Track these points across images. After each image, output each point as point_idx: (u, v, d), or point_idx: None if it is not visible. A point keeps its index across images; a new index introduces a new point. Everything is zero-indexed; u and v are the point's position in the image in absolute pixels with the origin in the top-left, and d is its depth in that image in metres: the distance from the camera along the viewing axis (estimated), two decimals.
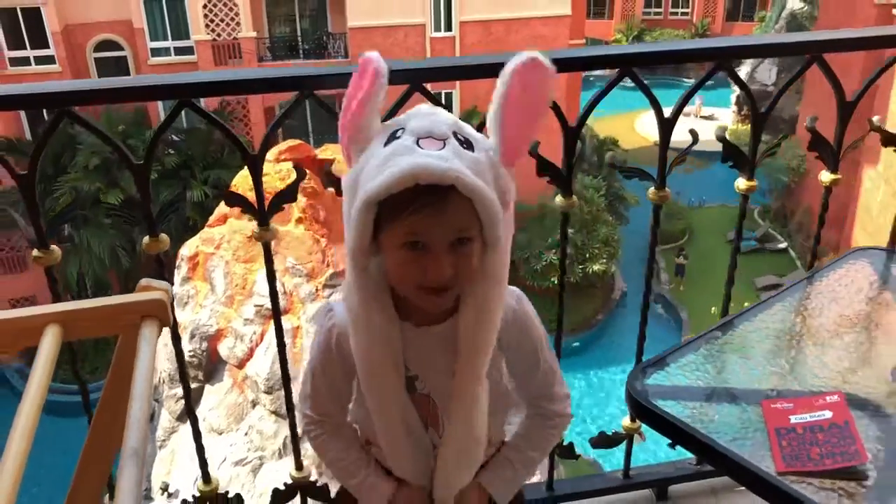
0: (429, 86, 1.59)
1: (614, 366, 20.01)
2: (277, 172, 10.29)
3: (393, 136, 1.14)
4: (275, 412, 9.84)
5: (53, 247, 1.64)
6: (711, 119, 31.23)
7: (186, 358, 10.35)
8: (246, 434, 9.97)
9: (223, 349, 10.52)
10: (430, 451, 1.38)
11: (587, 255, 21.33)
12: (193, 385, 10.44)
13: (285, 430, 9.41)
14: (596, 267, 21.34)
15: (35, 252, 1.63)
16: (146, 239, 1.67)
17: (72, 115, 1.50)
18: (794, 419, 1.45)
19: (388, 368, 1.27)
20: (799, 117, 24.26)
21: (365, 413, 1.38)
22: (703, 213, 25.33)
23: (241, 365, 10.39)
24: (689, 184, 26.78)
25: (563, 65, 1.76)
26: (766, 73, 30.35)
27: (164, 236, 1.68)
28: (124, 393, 1.43)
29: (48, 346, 1.28)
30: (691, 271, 23.03)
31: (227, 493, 2.04)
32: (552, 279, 19.25)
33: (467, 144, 1.14)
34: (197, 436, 1.96)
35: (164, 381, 10.54)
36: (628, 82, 1.75)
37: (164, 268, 1.68)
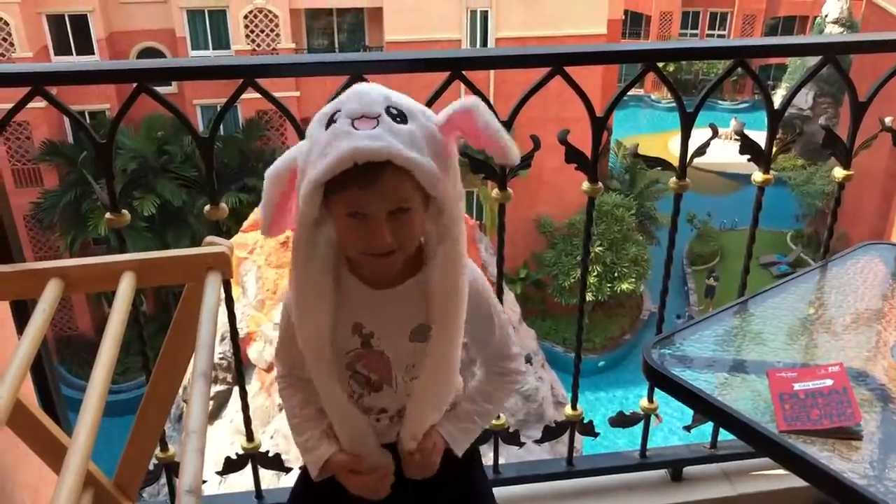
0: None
1: (640, 387, 19.94)
2: None
3: (331, 120, 1.26)
4: None
5: (124, 211, 1.81)
6: None
7: (216, 360, 10.53)
8: (272, 437, 10.09)
9: (252, 352, 10.67)
10: (370, 419, 1.49)
11: (616, 274, 21.33)
12: (221, 387, 10.63)
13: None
14: (624, 286, 21.32)
15: (108, 215, 1.80)
16: (207, 207, 1.85)
17: (148, 90, 1.67)
18: (797, 386, 1.57)
19: (320, 331, 1.39)
20: None
21: None
22: (735, 235, 25.24)
23: (269, 369, 10.54)
24: (721, 206, 26.73)
25: (593, 58, 1.92)
26: (802, 97, 30.21)
27: (223, 205, 1.85)
28: (185, 341, 1.59)
29: (124, 289, 1.44)
30: (721, 293, 22.92)
31: (267, 451, 2.19)
32: None
33: (401, 118, 1.25)
34: (243, 394, 2.12)
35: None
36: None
37: (222, 234, 1.84)
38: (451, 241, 1.35)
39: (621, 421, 2.37)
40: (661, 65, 1.88)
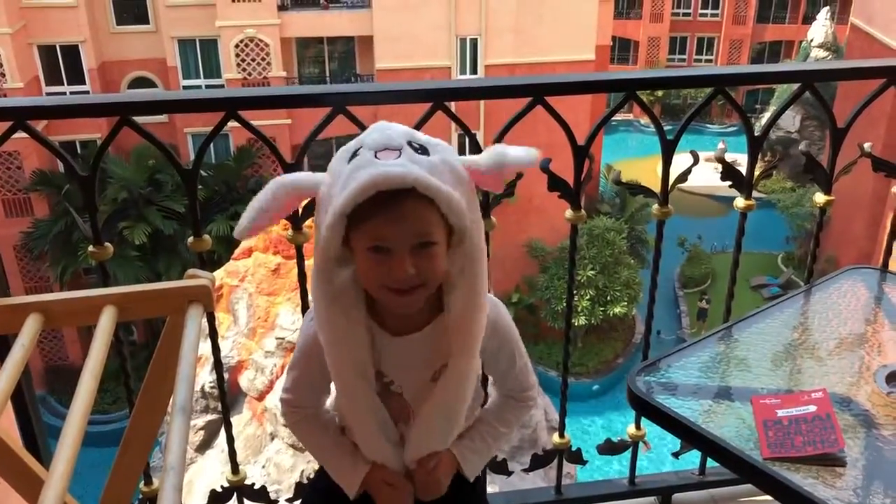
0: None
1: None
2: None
3: (354, 154, 1.26)
4: (293, 445, 9.86)
5: (107, 244, 1.81)
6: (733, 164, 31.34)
7: (206, 388, 10.42)
8: (263, 467, 9.99)
9: (243, 381, 10.60)
10: (399, 442, 1.48)
11: (608, 298, 21.34)
12: (212, 416, 10.55)
13: (302, 464, 9.43)
14: (617, 309, 21.32)
15: (91, 248, 1.80)
16: (191, 239, 1.84)
17: (131, 124, 1.68)
18: (780, 413, 1.57)
19: (354, 369, 1.39)
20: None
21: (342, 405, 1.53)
22: (726, 258, 25.26)
23: (260, 397, 10.47)
24: (711, 229, 26.83)
25: (574, 88, 1.93)
26: (789, 119, 30.46)
27: (206, 237, 1.85)
28: (168, 374, 1.58)
29: (105, 323, 1.43)
30: (714, 315, 22.95)
31: (253, 484, 2.17)
32: (573, 321, 19.31)
33: (422, 150, 1.26)
34: (228, 427, 2.10)
35: None
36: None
37: (206, 265, 1.83)
38: (471, 274, 1.34)
39: (609, 448, 2.36)
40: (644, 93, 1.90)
